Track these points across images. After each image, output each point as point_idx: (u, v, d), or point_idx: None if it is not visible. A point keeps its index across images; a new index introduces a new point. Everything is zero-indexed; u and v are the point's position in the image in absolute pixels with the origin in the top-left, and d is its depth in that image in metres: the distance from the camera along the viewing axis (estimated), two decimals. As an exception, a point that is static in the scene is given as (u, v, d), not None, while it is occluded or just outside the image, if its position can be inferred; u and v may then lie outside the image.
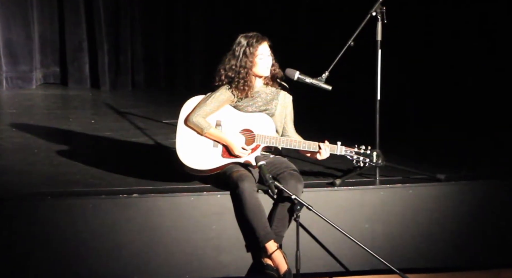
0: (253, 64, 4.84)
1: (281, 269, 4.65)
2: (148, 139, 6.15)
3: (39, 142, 6.00)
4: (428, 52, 8.04)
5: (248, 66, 4.82)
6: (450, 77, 7.93)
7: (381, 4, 5.02)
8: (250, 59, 4.81)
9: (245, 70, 4.82)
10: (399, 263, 4.85)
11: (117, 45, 8.35)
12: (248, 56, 4.81)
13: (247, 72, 4.83)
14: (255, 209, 4.68)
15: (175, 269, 4.74)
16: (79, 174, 5.17)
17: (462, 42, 7.95)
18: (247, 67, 4.82)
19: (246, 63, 4.81)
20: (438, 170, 5.17)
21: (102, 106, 7.55)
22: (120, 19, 8.32)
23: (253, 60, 4.83)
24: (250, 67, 4.83)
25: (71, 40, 8.24)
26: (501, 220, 5.10)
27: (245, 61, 4.81)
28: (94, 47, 8.28)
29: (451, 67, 7.92)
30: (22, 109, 7.23)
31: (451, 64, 7.93)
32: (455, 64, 7.91)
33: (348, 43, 5.00)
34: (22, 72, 8.08)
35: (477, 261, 5.11)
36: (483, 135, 6.50)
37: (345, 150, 4.85)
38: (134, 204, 4.69)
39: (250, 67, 4.83)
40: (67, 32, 8.21)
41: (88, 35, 8.27)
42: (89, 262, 4.63)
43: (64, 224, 4.61)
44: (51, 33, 8.23)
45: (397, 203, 4.99)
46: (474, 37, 7.89)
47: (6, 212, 4.58)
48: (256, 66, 4.85)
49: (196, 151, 4.83)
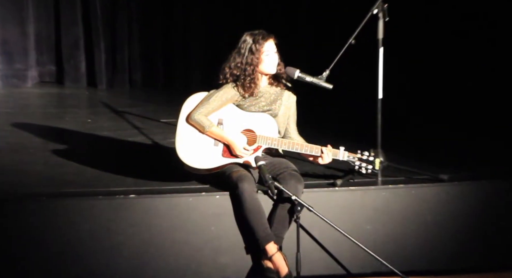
0: (259, 61, 4.79)
1: (282, 271, 4.60)
2: (146, 139, 6.13)
3: (35, 142, 5.99)
4: (428, 51, 8.01)
5: (254, 63, 4.78)
6: (451, 76, 7.92)
7: (382, 2, 4.99)
8: (256, 56, 4.77)
9: (251, 67, 4.78)
10: (401, 265, 4.82)
11: (114, 43, 8.41)
12: (254, 53, 4.76)
13: (254, 69, 4.79)
14: (255, 210, 4.63)
15: (173, 272, 4.71)
16: (76, 174, 5.16)
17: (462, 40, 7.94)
18: (253, 64, 4.78)
19: (252, 60, 4.77)
20: (441, 170, 5.13)
21: (99, 105, 7.55)
22: (117, 16, 8.41)
23: (259, 57, 4.78)
24: (256, 64, 4.79)
25: (67, 38, 8.28)
26: (505, 221, 5.07)
27: (251, 58, 4.77)
28: (90, 45, 8.34)
29: (452, 66, 7.91)
30: (17, 109, 7.25)
31: (452, 63, 7.91)
32: (456, 63, 7.89)
33: (349, 41, 4.97)
34: (17, 71, 8.15)
35: (481, 263, 5.07)
36: (485, 134, 6.47)
37: (348, 156, 4.81)
38: (131, 205, 4.68)
39: (256, 64, 4.79)
40: (63, 30, 8.28)
41: (84, 33, 8.33)
42: (86, 263, 4.62)
43: (60, 225, 4.60)
44: (47, 31, 8.32)
45: (399, 203, 4.96)
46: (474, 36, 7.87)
47: (1, 213, 4.55)
48: (262, 63, 4.80)
49: (196, 149, 4.78)
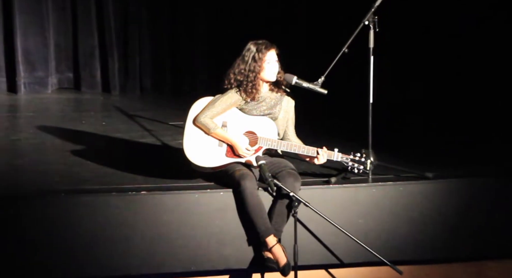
0: (261, 69, 4.84)
1: (281, 261, 4.65)
2: (155, 140, 6.15)
3: (54, 143, 6.01)
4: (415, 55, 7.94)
5: (256, 70, 4.82)
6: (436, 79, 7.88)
7: (373, 13, 5.00)
8: (258, 63, 4.82)
9: (254, 74, 4.82)
10: (390, 256, 4.85)
11: (126, 52, 8.36)
12: (257, 61, 4.81)
13: (255, 76, 4.83)
14: (256, 205, 4.68)
15: (180, 261, 4.73)
16: (91, 172, 5.17)
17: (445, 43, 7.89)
18: (256, 71, 4.82)
19: (254, 67, 4.82)
20: (427, 168, 5.15)
21: (112, 109, 7.55)
22: (129, 28, 8.32)
23: (261, 65, 4.83)
24: (258, 71, 4.83)
25: (84, 48, 8.25)
26: (485, 215, 5.10)
27: (254, 65, 4.82)
28: (105, 54, 8.28)
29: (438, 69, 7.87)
30: (38, 112, 7.23)
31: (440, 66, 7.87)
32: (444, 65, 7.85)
33: (342, 50, 5.00)
34: (38, 78, 8.07)
35: (463, 253, 5.11)
36: (467, 136, 6.50)
37: (341, 157, 4.85)
38: (142, 201, 4.69)
39: (258, 71, 4.83)
40: (80, 41, 8.22)
41: (99, 44, 8.26)
42: (100, 254, 4.63)
43: (77, 219, 4.60)
44: (65, 41, 8.23)
45: (388, 199, 4.99)
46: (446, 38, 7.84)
47: (23, 208, 4.57)
48: (263, 71, 4.85)
49: (202, 149, 4.82)
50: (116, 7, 8.24)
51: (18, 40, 7.87)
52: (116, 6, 8.24)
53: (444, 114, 7.30)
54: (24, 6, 7.91)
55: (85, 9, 8.20)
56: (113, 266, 4.66)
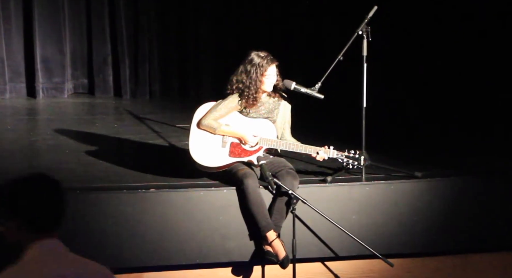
0: (262, 83, 4.82)
1: (280, 255, 4.64)
2: (163, 141, 6.13)
3: (70, 144, 6.00)
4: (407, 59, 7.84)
5: (258, 85, 4.80)
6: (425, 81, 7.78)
7: (366, 24, 4.99)
8: (259, 78, 4.78)
9: (255, 87, 4.79)
10: (381, 249, 4.84)
11: (136, 59, 8.34)
12: (258, 76, 4.78)
13: (257, 90, 4.81)
14: (257, 202, 4.66)
15: (187, 254, 4.73)
16: (104, 171, 5.17)
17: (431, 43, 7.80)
18: (257, 85, 4.80)
19: (256, 82, 4.78)
20: (416, 168, 5.16)
21: (124, 112, 7.54)
22: (139, 37, 8.32)
23: (262, 79, 4.80)
24: (259, 85, 4.81)
25: (98, 56, 8.22)
26: (469, 211, 5.10)
27: (255, 80, 4.78)
28: (117, 61, 8.26)
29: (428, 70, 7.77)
30: (55, 116, 7.23)
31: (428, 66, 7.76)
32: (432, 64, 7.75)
33: (338, 58, 4.98)
34: (56, 84, 8.05)
35: (449, 247, 5.11)
36: (454, 136, 6.49)
37: (336, 154, 4.83)
38: (151, 198, 4.68)
39: (259, 85, 4.81)
40: (94, 48, 8.20)
41: (112, 51, 8.25)
42: (113, 247, 4.63)
43: (91, 215, 4.61)
44: (81, 49, 8.23)
45: (380, 197, 4.98)
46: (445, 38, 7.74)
47: None
48: (263, 84, 4.83)
49: (206, 150, 4.81)
50: (128, 17, 8.25)
51: (37, 49, 7.87)
52: (127, 17, 8.24)
53: (433, 116, 7.25)
54: (43, 17, 7.92)
55: (99, 20, 8.19)
56: (124, 258, 4.64)
